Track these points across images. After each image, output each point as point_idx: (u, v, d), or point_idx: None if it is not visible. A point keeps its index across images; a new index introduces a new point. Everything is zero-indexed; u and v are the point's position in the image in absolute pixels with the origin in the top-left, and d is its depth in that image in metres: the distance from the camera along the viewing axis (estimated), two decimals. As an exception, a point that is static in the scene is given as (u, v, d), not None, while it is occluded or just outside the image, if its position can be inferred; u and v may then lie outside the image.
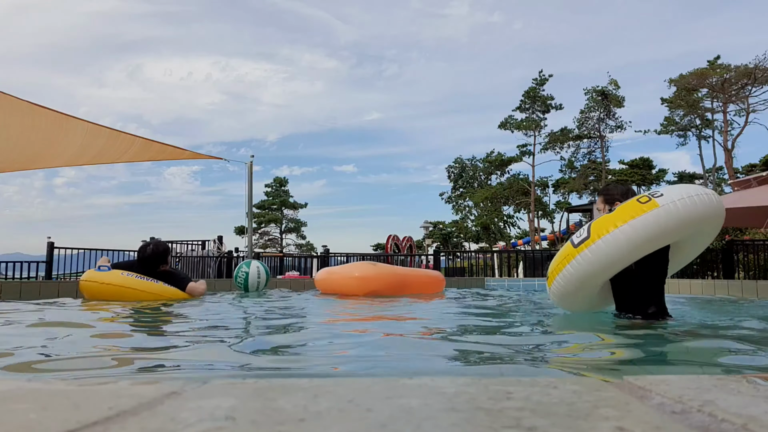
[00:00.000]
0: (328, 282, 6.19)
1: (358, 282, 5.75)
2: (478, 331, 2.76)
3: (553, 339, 2.43)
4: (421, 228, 27.60)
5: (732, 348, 2.13)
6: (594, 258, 2.74)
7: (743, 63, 23.51)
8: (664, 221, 2.62)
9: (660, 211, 2.62)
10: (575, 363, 1.79)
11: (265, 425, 0.54)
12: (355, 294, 5.67)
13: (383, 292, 5.68)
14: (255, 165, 9.25)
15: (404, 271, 6.86)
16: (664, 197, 2.68)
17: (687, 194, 2.68)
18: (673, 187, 2.81)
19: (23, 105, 5.87)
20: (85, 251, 10.58)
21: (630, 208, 2.71)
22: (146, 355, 1.95)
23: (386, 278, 5.92)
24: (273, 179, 38.02)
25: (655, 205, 2.64)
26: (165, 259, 5.02)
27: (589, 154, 29.45)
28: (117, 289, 4.63)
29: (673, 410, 0.60)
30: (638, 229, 2.63)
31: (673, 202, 2.64)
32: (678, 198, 2.65)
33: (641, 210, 2.65)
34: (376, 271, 6.00)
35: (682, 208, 2.63)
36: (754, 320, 3.20)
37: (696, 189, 2.75)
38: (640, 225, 2.63)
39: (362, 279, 5.76)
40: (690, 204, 2.64)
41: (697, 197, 2.67)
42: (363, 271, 5.95)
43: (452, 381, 0.75)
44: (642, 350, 2.03)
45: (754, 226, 9.82)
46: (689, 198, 2.66)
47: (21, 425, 0.54)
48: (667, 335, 2.45)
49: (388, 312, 3.96)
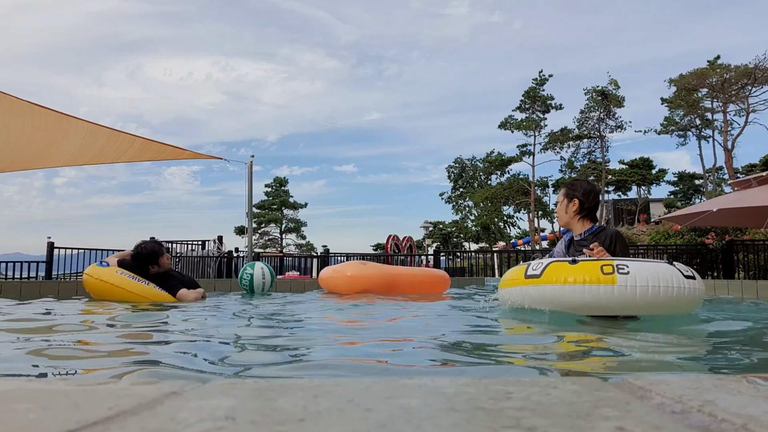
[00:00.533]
0: (328, 281, 6.24)
1: (349, 281, 5.84)
2: (478, 331, 2.76)
3: (553, 339, 2.42)
4: (421, 228, 27.62)
5: (732, 348, 2.13)
6: (537, 297, 2.73)
7: (743, 63, 23.54)
8: (615, 300, 2.50)
9: (615, 289, 2.48)
10: (575, 363, 1.79)
11: (265, 425, 0.54)
12: (348, 292, 5.74)
13: (375, 290, 5.73)
14: (255, 165, 9.26)
15: (400, 270, 6.89)
16: (627, 276, 2.49)
17: (653, 282, 2.48)
18: (645, 266, 2.57)
19: (23, 105, 5.87)
20: (85, 251, 10.58)
21: (589, 270, 2.56)
22: (147, 355, 1.95)
23: (378, 277, 5.98)
24: (273, 179, 38.07)
25: (614, 281, 2.49)
26: (153, 260, 4.86)
27: (589, 154, 29.49)
28: (109, 287, 4.56)
29: (673, 410, 0.60)
30: (587, 295, 2.52)
31: (633, 286, 2.47)
32: (640, 284, 2.47)
33: (598, 279, 2.51)
34: (366, 270, 6.06)
35: (639, 297, 2.47)
36: (753, 320, 3.20)
37: (669, 277, 2.52)
38: (590, 294, 2.52)
39: (353, 278, 5.85)
40: (650, 294, 2.47)
41: (664, 289, 2.48)
42: (354, 270, 6.03)
43: (452, 381, 0.75)
44: (642, 350, 2.03)
45: (754, 226, 9.83)
46: (652, 288, 2.47)
47: (21, 425, 0.54)
48: (667, 335, 2.44)
49: (385, 312, 3.96)
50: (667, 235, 13.21)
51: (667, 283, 2.50)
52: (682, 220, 9.28)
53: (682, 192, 34.20)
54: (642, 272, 2.51)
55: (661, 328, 2.67)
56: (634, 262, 2.59)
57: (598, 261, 2.63)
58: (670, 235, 13.12)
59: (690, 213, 8.53)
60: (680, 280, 2.53)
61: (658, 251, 11.23)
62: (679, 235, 12.86)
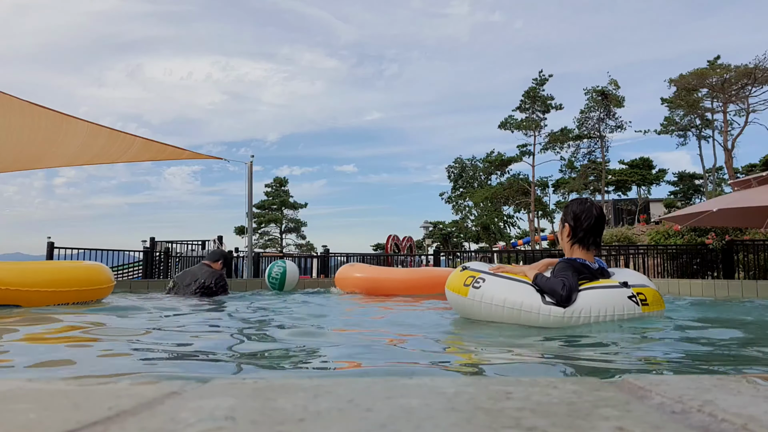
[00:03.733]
0: (344, 280, 6.39)
1: (358, 281, 5.92)
2: (477, 332, 2.76)
3: (552, 339, 2.42)
4: (421, 228, 27.62)
5: (732, 348, 2.13)
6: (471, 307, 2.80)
7: (743, 63, 23.50)
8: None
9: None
10: (575, 363, 1.79)
11: (265, 425, 0.54)
12: (360, 292, 5.86)
13: (386, 292, 5.81)
14: (255, 165, 9.26)
15: (420, 273, 7.04)
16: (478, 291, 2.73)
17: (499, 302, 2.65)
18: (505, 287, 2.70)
19: (23, 105, 5.87)
20: (85, 251, 10.57)
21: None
22: (146, 355, 1.95)
23: (380, 279, 6.13)
24: (273, 179, 38.05)
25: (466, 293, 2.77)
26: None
27: (589, 154, 29.46)
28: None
29: (673, 410, 0.60)
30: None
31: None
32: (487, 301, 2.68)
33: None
34: (376, 272, 6.16)
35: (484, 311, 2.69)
36: (753, 320, 3.20)
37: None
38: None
39: (363, 279, 5.94)
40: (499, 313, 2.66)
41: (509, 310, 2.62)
42: (364, 271, 6.12)
43: (452, 381, 0.75)
44: (642, 350, 2.03)
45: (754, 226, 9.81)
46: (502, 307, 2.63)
47: (21, 425, 0.54)
48: (667, 335, 2.44)
49: (395, 313, 3.95)
50: (667, 235, 13.20)
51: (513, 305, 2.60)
52: (682, 220, 9.27)
53: (682, 192, 34.19)
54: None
55: (660, 328, 2.67)
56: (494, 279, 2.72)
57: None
58: (670, 235, 13.11)
59: (690, 213, 8.52)
60: (532, 306, 2.55)
61: (658, 251, 11.23)
62: (679, 235, 12.85)
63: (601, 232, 2.84)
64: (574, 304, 2.50)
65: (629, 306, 2.57)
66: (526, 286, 2.62)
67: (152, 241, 11.64)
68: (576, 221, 2.80)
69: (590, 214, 2.79)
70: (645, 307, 2.63)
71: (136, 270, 12.85)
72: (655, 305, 2.72)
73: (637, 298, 2.63)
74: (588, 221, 2.78)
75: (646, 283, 2.82)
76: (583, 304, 2.50)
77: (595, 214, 2.80)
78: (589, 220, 2.78)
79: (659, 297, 2.81)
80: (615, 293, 2.59)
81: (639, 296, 2.64)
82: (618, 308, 2.54)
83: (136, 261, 12.47)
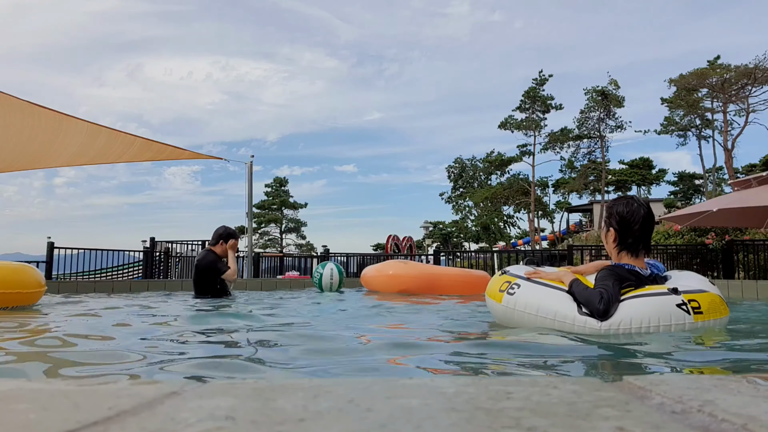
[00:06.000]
0: (370, 280, 6.66)
1: (389, 279, 6.33)
2: (480, 332, 2.76)
3: (552, 339, 2.42)
4: (421, 228, 27.67)
5: (732, 348, 2.13)
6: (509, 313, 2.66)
7: (743, 63, 23.51)
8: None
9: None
10: (575, 363, 1.79)
11: (265, 425, 0.54)
12: (387, 291, 6.14)
13: (414, 290, 6.09)
14: (255, 165, 9.26)
15: (439, 271, 7.32)
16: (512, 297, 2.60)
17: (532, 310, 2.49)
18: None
19: (23, 105, 5.87)
20: (85, 251, 10.57)
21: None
22: (147, 355, 1.95)
23: (418, 277, 6.42)
24: (273, 179, 38.06)
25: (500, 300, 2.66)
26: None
27: (589, 154, 29.45)
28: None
29: (673, 410, 0.60)
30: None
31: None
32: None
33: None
34: (407, 269, 6.51)
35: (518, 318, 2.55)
36: (753, 320, 3.20)
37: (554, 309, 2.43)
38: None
39: (394, 277, 6.35)
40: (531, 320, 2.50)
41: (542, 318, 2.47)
42: (396, 269, 6.56)
43: (452, 381, 0.75)
44: (642, 350, 2.03)
45: (754, 226, 9.82)
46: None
47: (21, 425, 0.54)
48: (667, 336, 2.44)
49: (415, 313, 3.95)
50: (667, 235, 13.20)
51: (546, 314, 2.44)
52: (682, 220, 9.28)
53: (682, 192, 34.20)
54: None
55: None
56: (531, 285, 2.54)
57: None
58: (670, 235, 13.11)
59: (690, 213, 8.53)
60: (566, 316, 2.37)
61: (658, 251, 11.23)
62: (679, 235, 12.85)
63: (651, 233, 2.53)
64: (613, 317, 2.26)
65: (677, 315, 2.28)
66: (561, 293, 2.43)
67: (152, 241, 11.64)
68: (623, 225, 2.50)
69: (638, 216, 2.48)
70: (698, 315, 2.32)
71: (136, 270, 12.84)
72: (711, 313, 2.39)
73: (689, 306, 2.32)
74: (636, 224, 2.48)
75: (705, 288, 2.48)
76: (623, 316, 2.25)
77: (642, 215, 2.49)
78: (637, 223, 2.48)
79: (718, 303, 2.46)
80: (661, 301, 2.30)
81: (691, 304, 2.33)
82: (664, 318, 2.26)
83: (136, 261, 12.47)
